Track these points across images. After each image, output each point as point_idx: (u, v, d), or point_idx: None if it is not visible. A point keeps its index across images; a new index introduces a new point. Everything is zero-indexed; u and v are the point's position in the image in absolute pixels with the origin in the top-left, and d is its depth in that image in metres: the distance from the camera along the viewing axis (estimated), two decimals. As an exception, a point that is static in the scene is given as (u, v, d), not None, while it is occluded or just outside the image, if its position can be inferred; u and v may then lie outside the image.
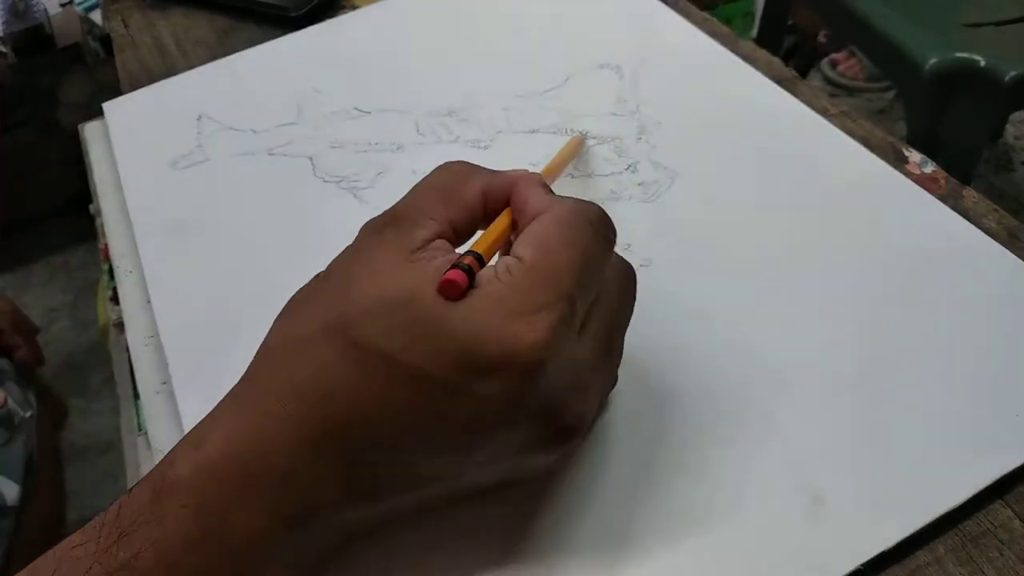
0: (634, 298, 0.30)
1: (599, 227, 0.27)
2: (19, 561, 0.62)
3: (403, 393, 0.23)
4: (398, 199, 0.29)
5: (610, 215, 0.28)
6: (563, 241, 0.25)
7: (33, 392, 0.73)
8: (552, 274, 0.24)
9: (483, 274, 0.25)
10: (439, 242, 0.26)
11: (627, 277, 0.29)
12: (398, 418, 0.23)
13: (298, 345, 0.25)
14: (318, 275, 0.28)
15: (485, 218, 0.29)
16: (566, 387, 0.25)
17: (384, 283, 0.24)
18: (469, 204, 0.28)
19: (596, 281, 0.26)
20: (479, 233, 0.28)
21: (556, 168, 0.38)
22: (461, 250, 0.26)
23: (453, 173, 0.29)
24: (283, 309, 0.27)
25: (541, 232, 0.26)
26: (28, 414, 0.68)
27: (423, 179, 0.29)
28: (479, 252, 0.26)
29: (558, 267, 0.25)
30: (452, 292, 0.24)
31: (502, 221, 0.28)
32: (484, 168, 0.30)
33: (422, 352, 0.23)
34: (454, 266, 0.24)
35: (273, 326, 0.27)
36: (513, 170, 0.30)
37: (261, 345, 0.26)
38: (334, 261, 0.28)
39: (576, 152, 0.43)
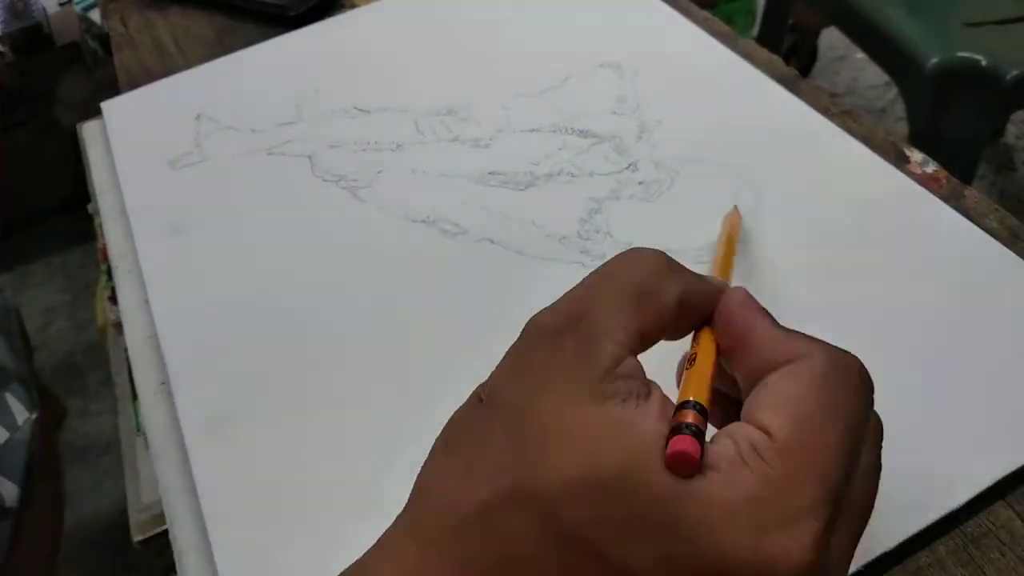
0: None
1: (864, 391, 0.21)
2: (18, 563, 0.62)
3: None
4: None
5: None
6: (828, 415, 0.19)
7: (36, 393, 0.73)
8: (817, 463, 0.19)
9: (718, 449, 0.19)
10: (630, 364, 0.21)
11: (877, 438, 0.23)
12: None
13: (479, 513, 0.20)
14: (478, 395, 0.22)
15: (671, 331, 0.23)
16: None
17: (586, 448, 0.19)
18: (663, 313, 0.22)
19: (858, 464, 0.20)
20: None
21: (728, 260, 0.32)
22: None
23: (649, 268, 0.23)
24: (442, 440, 0.22)
25: (795, 396, 0.20)
26: (33, 415, 0.68)
27: (606, 267, 0.23)
28: (701, 404, 0.20)
29: (823, 453, 0.19)
30: (685, 469, 0.19)
31: (708, 352, 0.22)
32: (680, 265, 0.24)
33: (650, 559, 0.18)
34: (680, 430, 0.19)
35: (433, 463, 0.22)
36: (714, 279, 0.25)
37: (419, 483, 0.22)
38: (500, 377, 0.22)
39: (736, 231, 0.37)
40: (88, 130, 0.54)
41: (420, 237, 0.42)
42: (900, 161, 0.42)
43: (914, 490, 0.30)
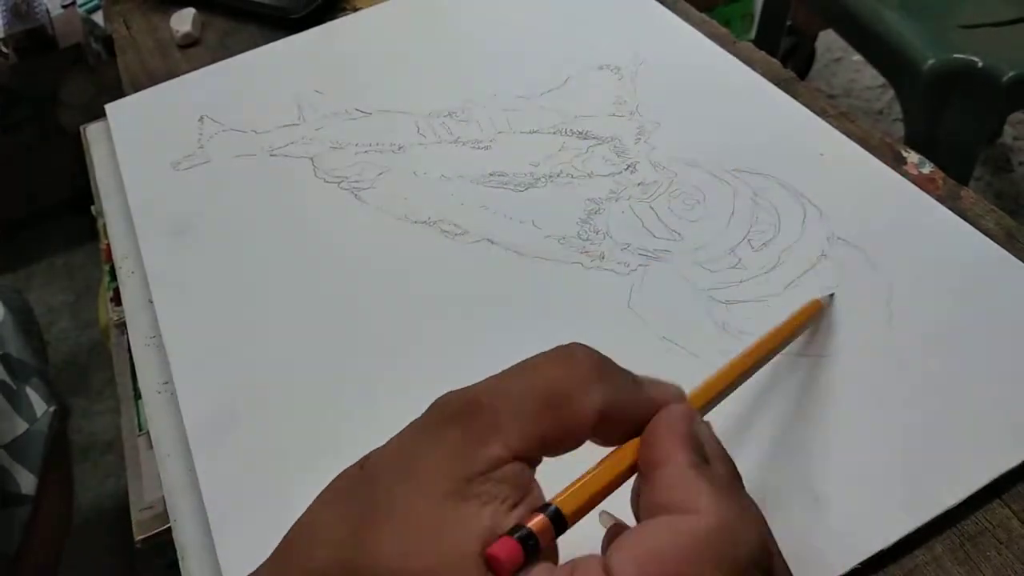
0: None
1: (748, 570, 0.18)
2: (32, 550, 0.64)
3: None
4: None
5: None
6: None
7: (52, 387, 0.74)
8: None
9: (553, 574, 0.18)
10: (512, 468, 0.19)
11: None
12: None
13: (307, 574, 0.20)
14: (361, 462, 0.21)
15: (598, 437, 0.21)
16: None
17: (413, 539, 0.18)
18: (576, 422, 0.20)
19: None
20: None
21: (759, 354, 0.29)
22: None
23: (574, 372, 0.21)
24: (321, 494, 0.21)
25: (656, 551, 0.18)
26: (51, 408, 0.70)
27: (533, 360, 0.21)
28: (562, 511, 0.19)
29: None
30: (498, 570, 0.18)
31: (617, 465, 0.20)
32: (618, 371, 0.21)
33: None
34: (511, 532, 0.18)
35: (308, 510, 0.21)
36: (662, 387, 0.22)
37: (288, 532, 0.21)
38: (384, 450, 0.21)
39: (804, 324, 0.33)
40: (92, 132, 0.54)
41: (421, 238, 0.42)
42: (897, 162, 0.42)
43: (911, 488, 0.30)
